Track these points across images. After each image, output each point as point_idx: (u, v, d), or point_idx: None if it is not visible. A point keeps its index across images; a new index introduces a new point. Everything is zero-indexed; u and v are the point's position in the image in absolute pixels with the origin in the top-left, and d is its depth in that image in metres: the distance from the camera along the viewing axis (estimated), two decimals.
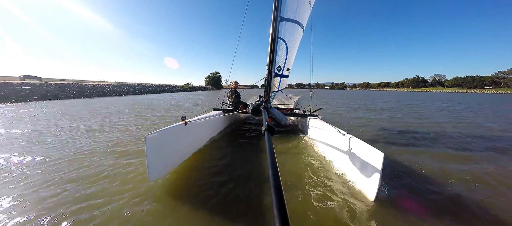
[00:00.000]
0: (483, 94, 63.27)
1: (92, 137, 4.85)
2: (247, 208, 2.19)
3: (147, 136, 2.47)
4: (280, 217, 0.67)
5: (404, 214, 2.14)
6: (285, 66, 5.70)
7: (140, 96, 23.12)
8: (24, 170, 2.98)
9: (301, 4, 5.32)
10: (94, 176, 2.84)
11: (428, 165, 3.47)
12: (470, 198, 2.49)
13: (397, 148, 4.52)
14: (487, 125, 7.58)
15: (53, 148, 4.02)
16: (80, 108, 10.37)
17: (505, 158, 3.96)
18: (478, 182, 2.89)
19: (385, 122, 7.95)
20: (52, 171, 2.96)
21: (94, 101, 14.76)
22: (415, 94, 53.49)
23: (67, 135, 4.95)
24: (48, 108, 10.50)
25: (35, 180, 2.70)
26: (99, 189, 2.49)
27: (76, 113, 8.66)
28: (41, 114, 8.37)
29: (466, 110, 12.83)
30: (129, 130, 5.66)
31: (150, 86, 36.97)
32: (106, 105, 12.24)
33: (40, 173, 2.92)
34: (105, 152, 3.79)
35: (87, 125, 6.21)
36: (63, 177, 2.79)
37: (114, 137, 4.87)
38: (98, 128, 5.76)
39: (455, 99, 26.65)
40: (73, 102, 13.81)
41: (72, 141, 4.48)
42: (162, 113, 9.61)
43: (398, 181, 2.86)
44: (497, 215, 2.18)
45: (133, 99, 18.03)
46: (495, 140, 5.35)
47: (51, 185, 2.57)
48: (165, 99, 18.41)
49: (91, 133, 5.18)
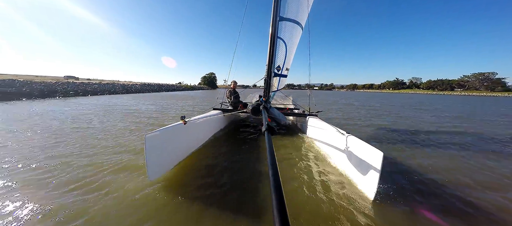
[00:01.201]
0: (450, 96, 66.59)
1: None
2: (247, 208, 2.18)
3: (146, 135, 2.46)
4: (280, 217, 0.67)
5: (404, 213, 2.15)
6: (284, 66, 5.71)
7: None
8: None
9: (300, 4, 5.32)
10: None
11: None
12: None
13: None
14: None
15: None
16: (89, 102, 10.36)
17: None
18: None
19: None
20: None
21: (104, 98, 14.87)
22: (393, 95, 56.03)
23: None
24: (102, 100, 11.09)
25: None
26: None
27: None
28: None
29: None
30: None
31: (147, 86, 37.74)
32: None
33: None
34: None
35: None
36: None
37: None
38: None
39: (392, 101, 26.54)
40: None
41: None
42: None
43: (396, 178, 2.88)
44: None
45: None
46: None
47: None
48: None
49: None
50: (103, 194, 2.37)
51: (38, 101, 12.57)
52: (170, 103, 13.98)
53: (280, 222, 0.65)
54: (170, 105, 12.98)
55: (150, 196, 2.33)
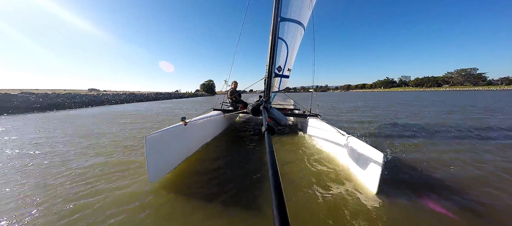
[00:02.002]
0: (440, 91, 67.44)
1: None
2: (247, 208, 2.18)
3: (147, 136, 2.46)
4: (280, 217, 0.67)
5: (403, 213, 2.14)
6: (286, 67, 5.70)
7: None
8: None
9: (302, 4, 5.32)
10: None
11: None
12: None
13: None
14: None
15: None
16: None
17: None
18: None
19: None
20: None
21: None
22: (384, 94, 56.11)
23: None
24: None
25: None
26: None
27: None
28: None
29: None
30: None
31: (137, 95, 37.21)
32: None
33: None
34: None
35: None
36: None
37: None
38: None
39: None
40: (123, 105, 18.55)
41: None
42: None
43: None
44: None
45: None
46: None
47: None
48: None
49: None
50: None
51: (99, 108, 15.18)
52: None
53: (280, 222, 0.65)
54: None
55: (150, 197, 2.33)
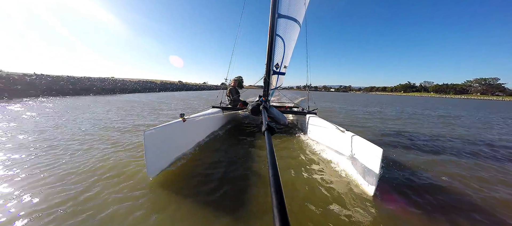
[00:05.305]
0: (450, 99, 67.69)
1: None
2: (246, 207, 2.18)
3: (146, 132, 2.47)
4: (280, 216, 0.67)
5: (403, 211, 2.17)
6: (283, 64, 5.70)
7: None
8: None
9: (297, 1, 5.30)
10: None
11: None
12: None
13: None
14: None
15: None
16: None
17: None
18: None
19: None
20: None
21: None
22: (399, 97, 56.80)
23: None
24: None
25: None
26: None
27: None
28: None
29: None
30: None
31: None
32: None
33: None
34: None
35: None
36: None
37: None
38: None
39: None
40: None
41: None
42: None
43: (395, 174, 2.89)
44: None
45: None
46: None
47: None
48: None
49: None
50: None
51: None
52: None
53: (280, 222, 0.65)
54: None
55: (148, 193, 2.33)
